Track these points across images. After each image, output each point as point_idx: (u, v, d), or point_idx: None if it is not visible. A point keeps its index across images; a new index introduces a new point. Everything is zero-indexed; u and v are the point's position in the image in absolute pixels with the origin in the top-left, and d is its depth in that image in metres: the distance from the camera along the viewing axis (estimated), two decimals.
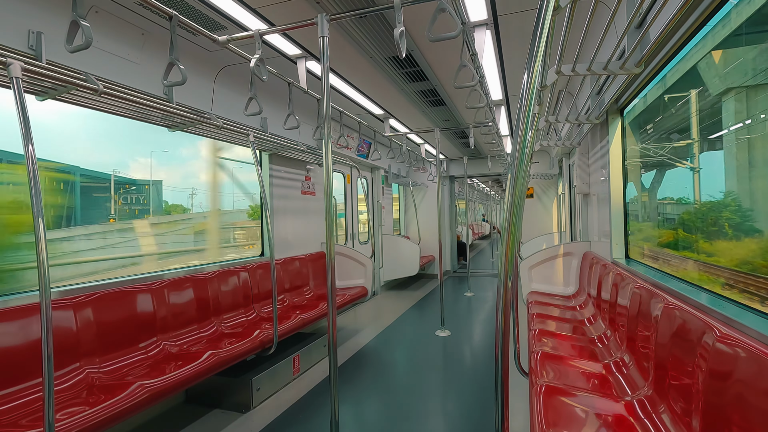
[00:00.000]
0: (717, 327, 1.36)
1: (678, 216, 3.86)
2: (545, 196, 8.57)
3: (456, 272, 9.65)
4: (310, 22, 2.02)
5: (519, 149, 1.05)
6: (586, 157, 4.47)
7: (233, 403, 2.96)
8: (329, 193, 2.07)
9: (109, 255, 9.01)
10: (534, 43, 1.04)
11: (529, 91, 1.05)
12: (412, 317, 5.58)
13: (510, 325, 1.06)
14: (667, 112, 3.67)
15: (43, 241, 1.59)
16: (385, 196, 7.79)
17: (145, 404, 2.09)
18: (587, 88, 3.29)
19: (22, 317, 2.13)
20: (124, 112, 2.60)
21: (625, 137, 3.30)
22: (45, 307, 1.58)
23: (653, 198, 4.23)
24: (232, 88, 3.46)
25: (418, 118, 5.42)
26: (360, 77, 3.82)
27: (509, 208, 1.07)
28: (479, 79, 2.74)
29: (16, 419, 1.91)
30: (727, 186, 2.95)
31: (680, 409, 1.53)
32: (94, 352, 2.44)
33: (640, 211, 4.20)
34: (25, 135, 1.62)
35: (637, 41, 1.82)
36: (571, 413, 1.77)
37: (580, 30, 1.88)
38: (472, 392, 3.16)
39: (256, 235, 4.66)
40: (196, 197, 14.82)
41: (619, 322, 2.56)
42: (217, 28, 2.72)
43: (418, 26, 2.85)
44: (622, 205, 3.31)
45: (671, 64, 2.34)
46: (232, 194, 9.94)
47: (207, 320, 3.29)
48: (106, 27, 2.39)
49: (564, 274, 4.40)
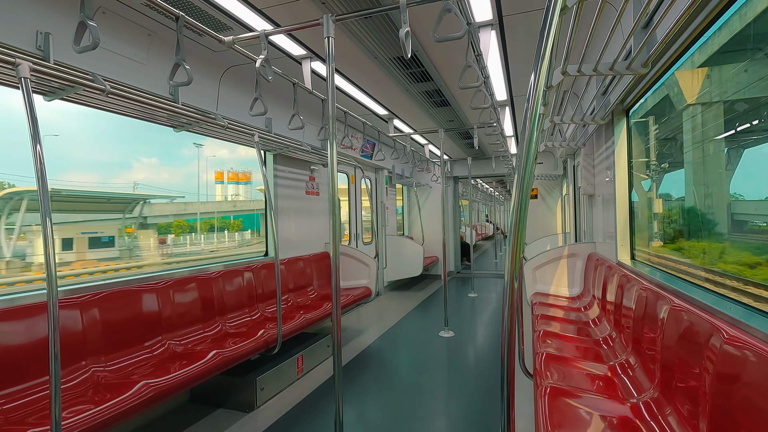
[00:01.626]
0: (725, 329, 1.35)
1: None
2: (549, 198, 8.54)
3: (459, 273, 9.63)
4: (316, 22, 2.03)
5: (525, 150, 1.04)
6: (591, 158, 4.45)
7: (237, 402, 2.96)
8: (334, 193, 2.07)
9: None
10: (541, 44, 1.04)
11: (536, 91, 1.05)
12: (416, 318, 5.57)
13: (515, 326, 1.05)
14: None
15: (50, 240, 1.60)
16: (389, 197, 7.79)
17: (150, 403, 2.10)
18: (593, 89, 3.27)
19: (29, 316, 2.15)
20: (130, 112, 2.62)
21: (630, 138, 3.29)
22: (52, 306, 1.59)
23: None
24: (238, 89, 3.48)
25: (423, 119, 5.42)
26: (365, 78, 3.82)
27: (515, 208, 1.06)
28: (484, 80, 2.74)
29: (24, 417, 1.93)
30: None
31: (687, 411, 1.51)
32: (100, 350, 2.46)
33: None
34: (33, 135, 1.63)
35: (644, 41, 1.81)
36: (577, 415, 1.76)
37: (587, 30, 1.87)
38: (475, 393, 3.15)
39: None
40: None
41: (624, 323, 2.54)
42: (222, 28, 2.73)
43: (423, 27, 2.85)
44: (628, 206, 3.29)
45: (677, 65, 2.33)
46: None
47: (211, 320, 3.30)
48: (113, 28, 2.40)
49: (568, 275, 4.38)
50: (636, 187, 3.37)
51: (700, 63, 2.62)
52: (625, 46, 1.95)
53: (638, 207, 3.45)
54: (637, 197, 3.42)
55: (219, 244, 31.77)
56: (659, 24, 1.67)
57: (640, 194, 3.50)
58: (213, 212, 37.98)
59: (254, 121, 3.65)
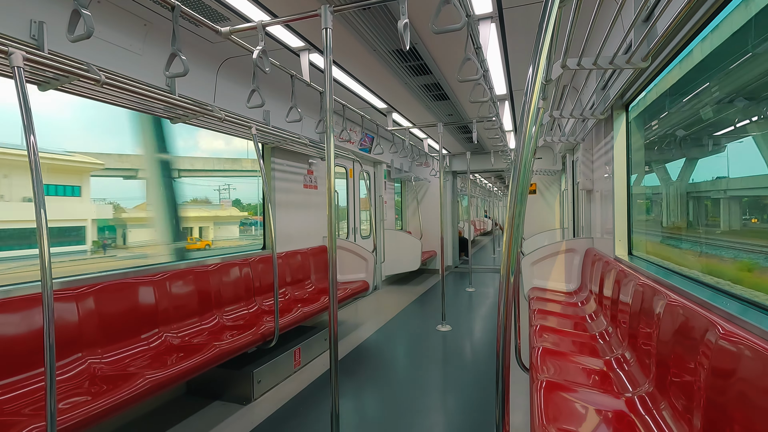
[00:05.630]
0: (720, 324, 1.35)
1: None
2: (548, 193, 8.53)
3: (457, 268, 9.65)
4: (314, 13, 2.00)
5: (524, 143, 1.04)
6: (590, 153, 4.44)
7: (234, 395, 2.97)
8: (331, 187, 2.06)
9: None
10: (540, 36, 1.03)
11: (535, 84, 1.04)
12: (413, 312, 5.59)
13: (512, 320, 1.05)
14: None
15: (44, 231, 1.59)
16: (387, 191, 7.77)
17: (147, 395, 2.10)
18: (592, 83, 3.26)
19: (24, 308, 2.14)
20: (126, 103, 2.59)
21: (630, 133, 3.28)
22: (47, 298, 1.58)
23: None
24: (235, 81, 3.45)
25: (422, 113, 5.39)
26: (363, 70, 3.80)
27: (512, 203, 1.06)
28: (483, 73, 2.72)
29: (19, 408, 1.92)
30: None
31: (681, 406, 1.52)
32: (96, 342, 2.45)
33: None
34: (26, 125, 1.61)
35: (644, 35, 1.80)
36: (572, 409, 1.77)
37: (586, 23, 1.85)
38: (472, 387, 3.16)
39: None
40: None
41: (620, 318, 2.55)
42: (219, 19, 2.70)
43: (422, 19, 2.82)
44: (626, 202, 3.29)
45: (678, 59, 2.32)
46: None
47: (209, 312, 3.30)
48: (108, 17, 2.37)
49: (566, 270, 4.39)
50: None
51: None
52: (625, 39, 1.93)
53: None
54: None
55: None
56: (660, 17, 1.66)
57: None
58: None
59: (252, 114, 3.62)
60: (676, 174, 3.18)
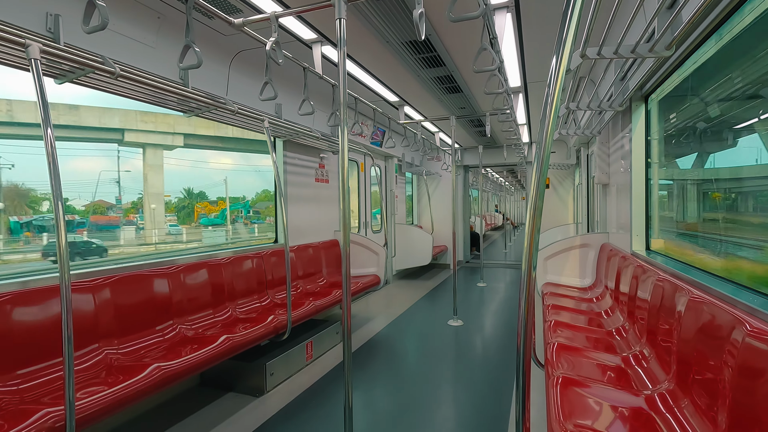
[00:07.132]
0: (748, 321, 1.31)
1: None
2: (561, 187, 8.41)
3: (469, 263, 9.59)
4: (327, 3, 1.98)
5: (547, 135, 1.00)
6: (607, 147, 4.35)
7: (247, 386, 2.99)
8: (344, 180, 2.04)
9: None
10: (564, 25, 0.99)
11: (558, 74, 1.00)
12: (425, 306, 5.57)
13: (533, 316, 1.03)
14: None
15: (62, 223, 1.60)
16: (398, 185, 7.74)
17: (162, 386, 2.12)
18: (611, 75, 3.17)
19: (43, 299, 2.17)
20: (140, 96, 2.60)
21: (649, 125, 3.19)
22: (65, 289, 1.60)
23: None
24: (247, 74, 3.44)
25: (434, 106, 5.33)
26: (375, 63, 3.76)
27: (533, 195, 1.03)
28: (499, 64, 2.67)
29: (39, 396, 1.96)
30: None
31: (704, 404, 1.48)
32: (112, 333, 2.48)
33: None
34: (44, 118, 1.62)
35: (668, 23, 1.74)
36: (589, 405, 1.74)
37: (608, 11, 1.80)
38: (483, 382, 3.14)
39: None
40: None
41: (638, 314, 2.50)
42: (232, 11, 2.69)
43: (436, 9, 2.78)
44: (644, 196, 3.22)
45: (702, 48, 2.23)
46: None
47: (222, 305, 3.32)
48: (122, 10, 2.38)
49: (580, 265, 4.33)
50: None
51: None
52: (648, 28, 1.87)
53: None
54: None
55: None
56: (686, 4, 1.59)
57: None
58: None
59: (264, 107, 3.62)
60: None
